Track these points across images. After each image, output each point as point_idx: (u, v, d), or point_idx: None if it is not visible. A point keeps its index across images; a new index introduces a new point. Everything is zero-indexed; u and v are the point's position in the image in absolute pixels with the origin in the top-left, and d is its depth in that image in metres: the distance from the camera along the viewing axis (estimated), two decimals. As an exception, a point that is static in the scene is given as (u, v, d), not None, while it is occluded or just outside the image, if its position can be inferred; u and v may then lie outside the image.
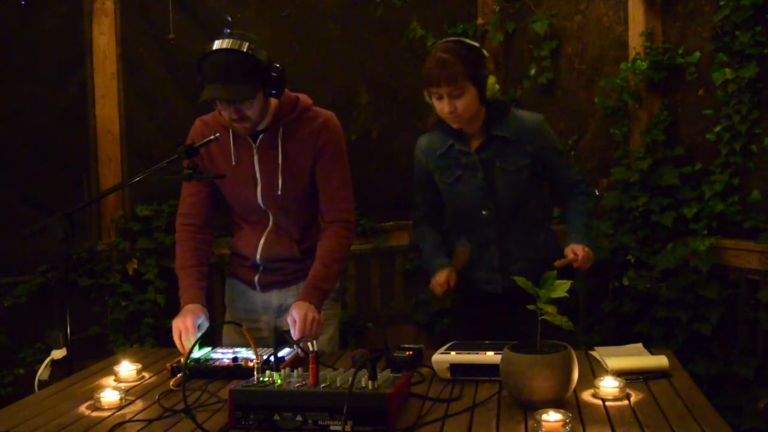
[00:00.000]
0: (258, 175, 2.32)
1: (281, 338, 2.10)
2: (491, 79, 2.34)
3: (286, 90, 2.31)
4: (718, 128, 3.18)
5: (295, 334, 2.15)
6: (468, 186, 2.40)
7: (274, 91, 2.20)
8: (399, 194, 4.16)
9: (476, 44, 2.35)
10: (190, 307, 2.25)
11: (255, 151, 2.31)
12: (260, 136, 2.30)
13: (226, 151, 2.33)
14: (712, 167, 3.24)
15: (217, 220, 2.48)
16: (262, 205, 2.36)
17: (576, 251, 2.29)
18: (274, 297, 2.44)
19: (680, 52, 3.33)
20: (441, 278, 2.37)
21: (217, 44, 2.12)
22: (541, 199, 2.53)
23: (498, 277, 2.43)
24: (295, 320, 2.17)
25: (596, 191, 3.68)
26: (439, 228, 2.58)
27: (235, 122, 2.20)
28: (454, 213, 2.49)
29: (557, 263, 2.27)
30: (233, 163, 2.33)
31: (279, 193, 2.31)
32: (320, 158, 2.32)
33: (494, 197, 2.39)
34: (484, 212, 2.41)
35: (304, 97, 2.37)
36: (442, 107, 2.32)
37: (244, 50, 2.10)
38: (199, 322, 2.22)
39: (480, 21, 4.15)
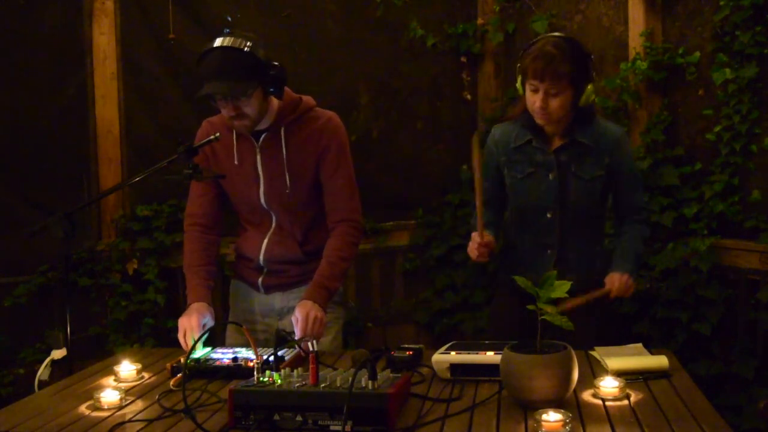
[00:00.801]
0: (261, 174, 2.33)
1: (283, 339, 2.10)
2: (590, 87, 2.30)
3: (289, 91, 2.32)
4: (718, 128, 3.18)
5: (297, 333, 2.16)
6: (538, 185, 2.37)
7: (272, 89, 2.20)
8: (399, 194, 4.16)
9: (585, 47, 2.32)
10: (196, 306, 2.26)
11: (258, 150, 2.31)
12: (263, 136, 2.30)
13: (230, 151, 2.34)
14: (712, 167, 3.24)
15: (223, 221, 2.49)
16: (264, 205, 2.36)
17: (614, 281, 2.27)
18: (277, 299, 2.44)
19: (680, 52, 3.33)
20: (475, 239, 2.27)
21: (216, 42, 2.14)
22: (604, 214, 2.49)
23: None
24: (298, 319, 2.17)
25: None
26: (498, 213, 2.51)
27: (233, 120, 2.21)
28: (518, 210, 2.44)
29: (593, 294, 2.25)
30: (236, 162, 2.33)
31: (287, 191, 2.32)
32: (324, 158, 2.33)
33: (563, 201, 2.36)
34: (548, 214, 2.37)
35: (307, 98, 2.38)
36: (534, 100, 2.27)
37: (242, 48, 2.12)
38: (205, 321, 2.23)
39: (480, 21, 4.14)
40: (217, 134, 2.17)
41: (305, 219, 2.39)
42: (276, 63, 2.20)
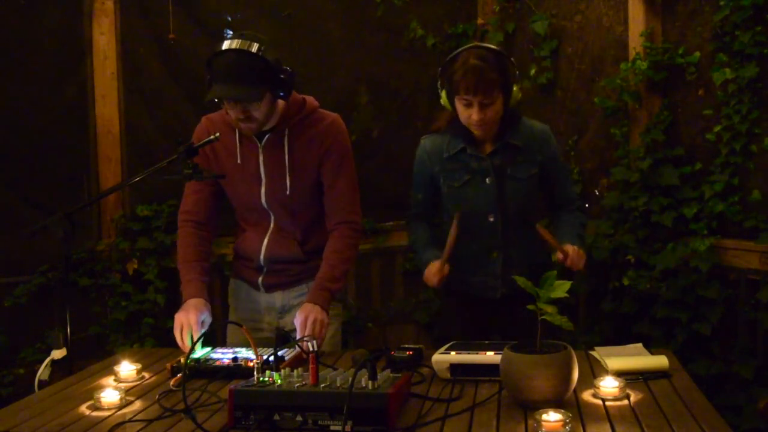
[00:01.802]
0: (263, 174, 2.33)
1: (283, 338, 2.10)
2: (515, 88, 2.35)
3: (293, 92, 2.32)
4: (718, 128, 3.18)
5: (298, 335, 2.16)
6: (476, 191, 2.39)
7: (282, 93, 2.20)
8: (399, 194, 4.14)
9: (505, 52, 2.36)
10: (193, 302, 2.25)
11: (260, 150, 2.31)
12: (266, 136, 2.30)
13: (232, 150, 2.33)
14: (712, 167, 3.24)
15: (219, 220, 2.49)
16: (265, 205, 2.36)
17: (566, 249, 2.29)
18: (278, 298, 2.44)
19: (680, 52, 3.33)
20: (434, 267, 2.34)
21: (227, 44, 2.12)
22: (539, 209, 2.55)
23: (499, 282, 2.43)
24: (299, 323, 2.18)
25: (596, 191, 3.69)
26: (432, 224, 2.57)
27: (241, 122, 2.21)
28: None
29: (554, 257, 2.28)
30: (238, 161, 2.33)
31: (288, 193, 2.32)
32: (326, 160, 2.33)
33: (503, 204, 2.39)
34: (491, 218, 2.40)
35: (310, 99, 2.37)
36: (469, 114, 2.30)
37: (254, 51, 2.10)
38: (203, 318, 2.22)
39: (480, 21, 4.14)
40: (217, 134, 2.16)
41: (305, 219, 2.39)
42: (287, 68, 2.20)
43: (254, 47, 2.11)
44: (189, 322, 2.17)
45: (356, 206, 2.39)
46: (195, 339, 2.11)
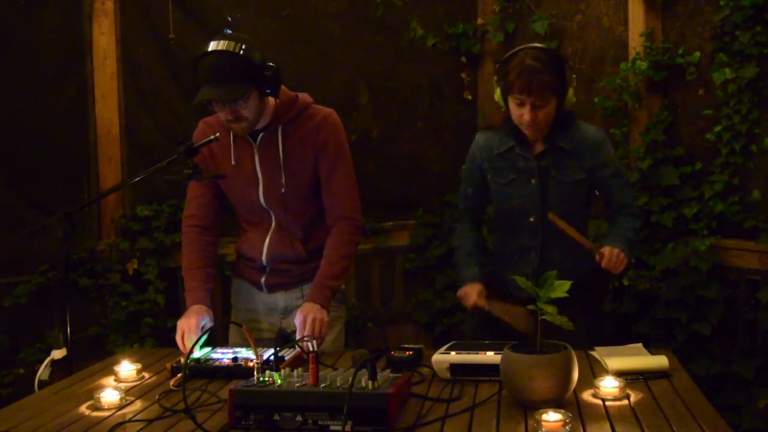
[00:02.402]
0: (259, 173, 2.33)
1: (285, 339, 2.10)
2: (570, 91, 2.34)
3: (285, 89, 2.31)
4: (718, 128, 3.18)
5: (299, 335, 2.16)
6: (520, 190, 2.39)
7: (268, 90, 2.20)
8: (399, 194, 4.16)
9: (562, 55, 2.36)
10: (195, 308, 2.26)
11: (256, 150, 2.31)
12: (260, 135, 2.30)
13: (227, 151, 2.34)
14: (712, 167, 3.24)
15: (221, 220, 2.49)
16: (264, 204, 2.36)
17: (606, 251, 2.25)
18: (280, 298, 2.44)
19: (680, 52, 3.33)
20: (473, 296, 2.36)
21: (211, 46, 2.13)
22: (588, 215, 2.53)
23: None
24: (299, 323, 2.18)
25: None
26: (478, 226, 2.57)
27: (231, 123, 2.21)
28: (501, 214, 2.48)
29: (583, 238, 2.27)
30: (233, 162, 2.33)
31: (282, 191, 2.31)
32: (322, 155, 2.32)
33: (545, 206, 2.38)
34: (531, 219, 2.40)
35: (303, 96, 2.37)
36: (521, 114, 2.30)
37: (235, 51, 2.11)
38: (203, 323, 2.23)
39: (480, 21, 4.14)
40: (217, 134, 2.17)
41: (305, 217, 2.39)
42: (271, 63, 2.19)
43: (236, 47, 2.11)
44: (190, 328, 2.18)
45: (354, 201, 2.38)
46: (194, 341, 2.11)
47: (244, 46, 2.13)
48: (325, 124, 2.33)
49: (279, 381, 1.67)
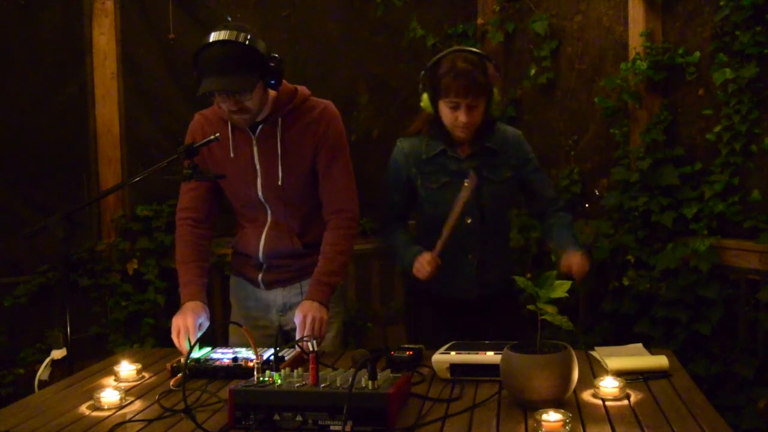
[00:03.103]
0: (258, 166, 2.31)
1: (285, 338, 2.10)
2: (495, 91, 2.38)
3: (284, 81, 2.31)
4: (718, 128, 3.18)
5: (298, 335, 2.16)
6: (455, 193, 2.38)
7: (273, 82, 2.19)
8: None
9: (486, 55, 2.40)
10: (190, 305, 2.24)
11: (254, 142, 2.30)
12: (259, 127, 2.29)
13: (226, 144, 2.32)
14: (712, 167, 3.24)
15: (218, 219, 2.48)
16: (261, 198, 2.34)
17: (571, 259, 2.29)
18: (279, 295, 2.43)
19: (680, 52, 3.33)
20: (427, 257, 2.31)
21: (213, 36, 2.09)
22: (509, 215, 2.61)
23: (474, 284, 2.45)
24: (298, 322, 2.17)
25: (596, 191, 3.69)
26: (407, 228, 2.59)
27: (234, 114, 2.19)
28: (434, 219, 2.44)
29: (560, 268, 2.28)
30: (232, 155, 2.32)
31: (279, 183, 2.30)
32: (321, 147, 2.31)
33: (480, 206, 2.42)
34: (468, 220, 2.42)
35: (302, 88, 2.36)
36: (455, 116, 2.33)
37: (243, 41, 2.08)
38: (200, 321, 2.21)
39: (480, 21, 4.15)
40: (217, 134, 2.16)
41: (302, 212, 2.37)
42: (275, 55, 2.18)
43: (242, 37, 2.08)
44: (186, 326, 2.17)
45: (352, 194, 2.36)
46: (192, 343, 2.11)
47: (249, 36, 2.10)
48: (324, 116, 2.32)
49: (279, 381, 1.67)
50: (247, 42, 2.09)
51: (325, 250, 2.31)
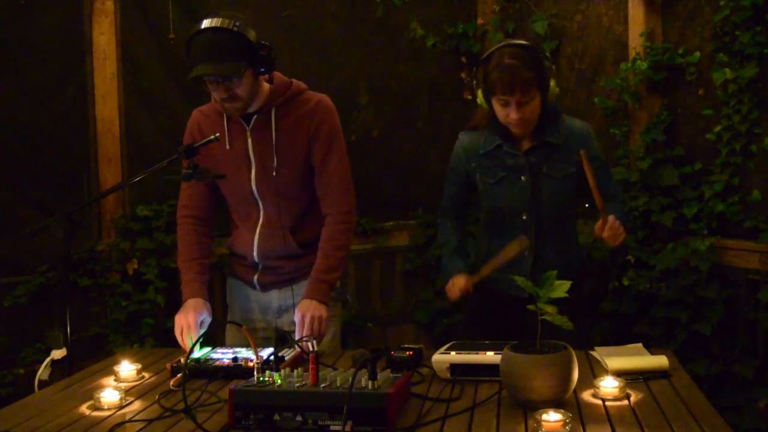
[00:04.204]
0: (252, 157, 2.31)
1: (283, 338, 2.10)
2: (552, 83, 2.32)
3: (280, 75, 2.32)
4: (718, 128, 3.18)
5: (297, 336, 2.16)
6: (511, 188, 2.38)
7: (263, 69, 2.19)
8: (399, 194, 4.17)
9: (539, 47, 2.34)
10: (191, 302, 2.25)
11: (249, 133, 2.30)
12: (254, 118, 2.29)
13: (221, 136, 2.31)
14: (712, 167, 3.24)
15: (217, 219, 2.48)
16: (255, 191, 2.34)
17: (602, 223, 2.17)
18: (274, 297, 2.43)
19: (680, 52, 3.33)
20: (460, 282, 2.33)
21: (204, 23, 2.13)
22: (576, 210, 2.50)
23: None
24: (298, 321, 2.17)
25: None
26: (462, 226, 2.56)
27: (225, 102, 2.20)
28: (491, 213, 2.44)
29: (599, 203, 2.16)
30: (228, 147, 2.32)
31: (274, 174, 2.30)
32: (316, 140, 2.31)
33: (537, 202, 2.37)
34: (524, 216, 2.38)
35: (297, 82, 2.37)
36: (507, 113, 2.28)
37: (231, 28, 2.10)
38: (202, 318, 2.22)
39: (480, 21, 4.15)
40: (217, 134, 2.16)
41: (295, 208, 2.37)
42: (266, 43, 2.19)
43: (231, 24, 2.11)
44: (189, 324, 2.18)
45: (347, 186, 2.35)
46: (194, 340, 2.11)
47: (238, 23, 2.12)
48: (319, 109, 2.32)
49: (279, 381, 1.67)
50: (235, 29, 2.11)
51: (322, 246, 2.30)
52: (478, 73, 2.33)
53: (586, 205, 2.35)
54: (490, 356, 1.88)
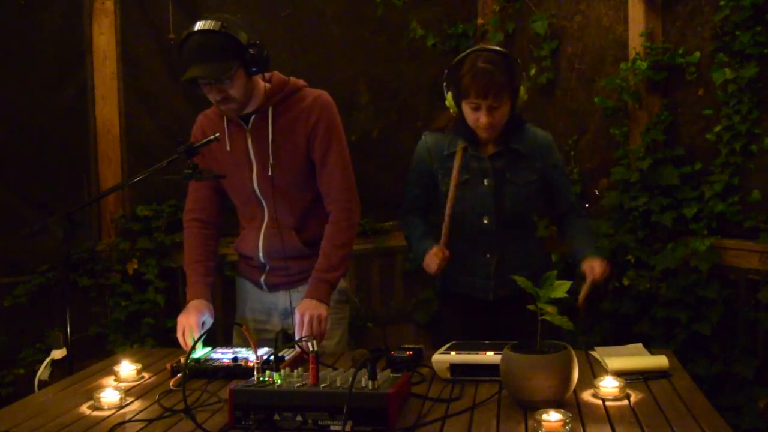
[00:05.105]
0: (252, 157, 2.32)
1: (287, 340, 2.10)
2: (522, 90, 2.34)
3: (278, 73, 2.32)
4: (718, 128, 3.18)
5: (297, 336, 2.16)
6: (473, 191, 2.39)
7: (254, 69, 2.20)
8: (399, 194, 4.11)
9: (512, 53, 2.37)
10: (194, 303, 2.26)
11: (248, 134, 2.31)
12: (252, 118, 2.30)
13: (222, 138, 2.33)
14: (712, 167, 3.23)
15: (225, 221, 2.49)
16: (257, 191, 2.34)
17: (594, 266, 2.28)
18: (281, 298, 2.43)
19: (680, 52, 3.33)
20: (432, 250, 2.31)
21: (196, 27, 2.16)
22: (536, 215, 2.58)
23: (492, 284, 2.43)
24: (298, 321, 2.18)
25: (596, 191, 3.69)
26: (426, 219, 2.57)
27: (220, 104, 2.21)
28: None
29: (582, 296, 2.26)
30: (228, 148, 2.33)
31: (270, 173, 2.30)
32: (314, 137, 2.31)
33: (499, 207, 2.39)
34: (485, 220, 2.40)
35: (295, 79, 2.37)
36: (477, 117, 2.30)
37: (218, 29, 2.13)
38: (203, 319, 2.23)
39: (480, 21, 4.14)
40: (217, 134, 2.17)
41: (298, 206, 2.37)
42: (256, 42, 2.19)
43: (218, 26, 2.14)
44: (190, 325, 2.18)
45: (347, 182, 2.35)
46: (195, 340, 2.12)
47: (227, 25, 2.15)
48: (316, 105, 2.32)
49: (279, 381, 1.67)
50: (223, 30, 2.13)
51: (323, 245, 2.31)
52: (449, 76, 2.34)
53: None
54: (490, 356, 1.88)
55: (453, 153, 2.40)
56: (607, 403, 1.71)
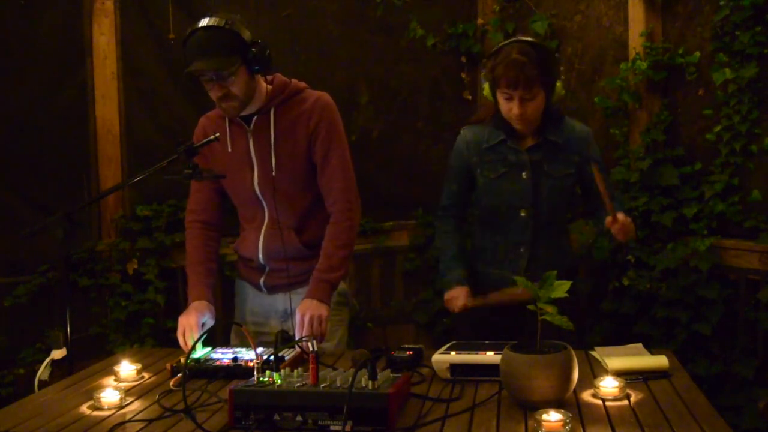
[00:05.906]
0: (254, 158, 2.32)
1: (285, 339, 2.10)
2: (558, 84, 2.35)
3: (280, 75, 2.33)
4: (718, 128, 3.18)
5: (297, 334, 2.16)
6: (511, 184, 2.39)
7: (257, 68, 2.20)
8: (399, 194, 4.16)
9: (549, 47, 2.37)
10: (195, 304, 2.27)
11: (249, 134, 2.31)
12: (253, 119, 2.30)
13: (224, 140, 2.34)
14: (712, 167, 3.24)
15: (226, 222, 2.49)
16: (258, 192, 2.34)
17: (614, 219, 2.19)
18: (280, 301, 2.43)
19: (680, 52, 3.33)
20: (460, 301, 2.35)
21: (199, 24, 2.18)
22: (567, 210, 2.54)
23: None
24: (298, 321, 2.18)
25: None
26: (461, 226, 2.56)
27: (221, 102, 2.21)
28: (489, 210, 2.46)
29: (606, 224, 2.19)
30: (229, 149, 2.33)
31: (273, 174, 2.30)
32: (316, 138, 2.31)
33: (536, 200, 2.39)
34: (522, 213, 2.40)
35: (296, 81, 2.38)
36: (510, 108, 2.31)
37: (222, 26, 2.15)
38: (204, 320, 2.23)
39: (480, 21, 4.14)
40: (217, 134, 2.17)
41: (299, 207, 2.37)
42: (259, 41, 2.20)
43: (222, 22, 2.15)
44: (191, 325, 2.19)
45: (349, 182, 2.35)
46: (195, 340, 2.12)
47: (231, 22, 2.16)
48: (317, 106, 2.32)
49: (279, 381, 1.67)
50: (226, 26, 2.14)
51: (324, 246, 2.31)
52: (487, 66, 2.36)
53: (581, 209, 2.37)
54: (490, 356, 1.88)
55: (493, 145, 2.40)
56: (607, 403, 1.71)
